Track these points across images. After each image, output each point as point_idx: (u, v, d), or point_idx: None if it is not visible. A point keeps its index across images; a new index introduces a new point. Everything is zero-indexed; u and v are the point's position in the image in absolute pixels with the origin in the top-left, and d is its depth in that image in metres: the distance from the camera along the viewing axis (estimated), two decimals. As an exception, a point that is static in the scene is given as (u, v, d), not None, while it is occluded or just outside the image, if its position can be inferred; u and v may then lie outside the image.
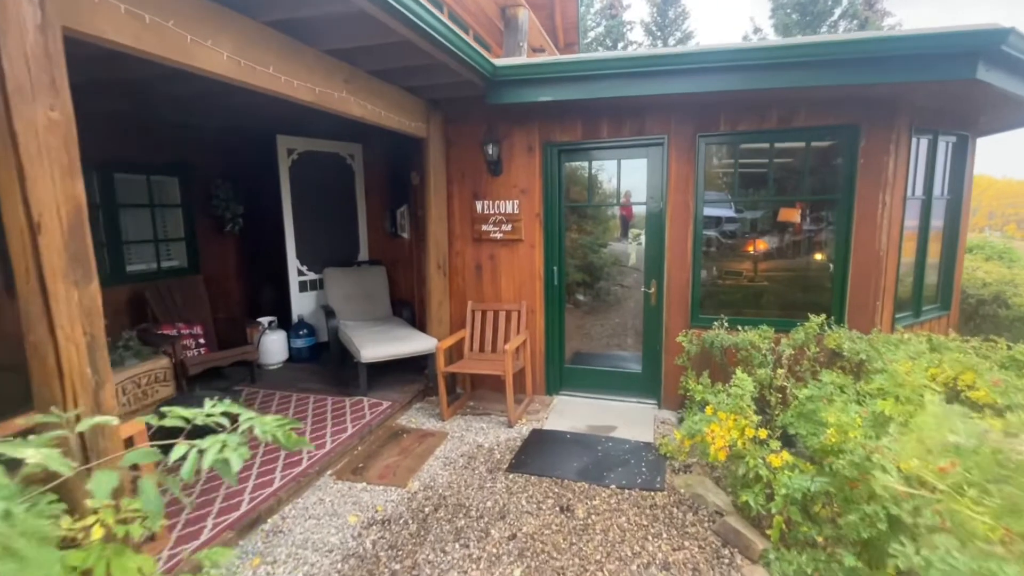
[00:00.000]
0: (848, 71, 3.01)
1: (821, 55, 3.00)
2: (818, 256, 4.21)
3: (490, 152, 4.11)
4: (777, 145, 3.73)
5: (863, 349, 2.90)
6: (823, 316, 3.39)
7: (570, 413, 4.09)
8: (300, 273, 5.25)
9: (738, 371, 2.90)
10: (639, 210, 4.20)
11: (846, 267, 3.64)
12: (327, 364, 4.93)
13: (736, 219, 4.56)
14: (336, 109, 2.98)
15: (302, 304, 5.27)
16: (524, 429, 3.83)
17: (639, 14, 22.08)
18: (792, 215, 4.51)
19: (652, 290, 4.04)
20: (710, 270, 4.02)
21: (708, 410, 2.61)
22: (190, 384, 4.23)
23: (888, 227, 3.54)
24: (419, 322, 4.97)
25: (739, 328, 3.59)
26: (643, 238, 4.12)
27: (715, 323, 3.69)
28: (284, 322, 5.36)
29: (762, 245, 4.71)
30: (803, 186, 3.74)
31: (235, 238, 5.68)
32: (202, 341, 4.63)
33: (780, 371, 3.05)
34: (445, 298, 4.42)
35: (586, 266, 5.61)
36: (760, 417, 2.70)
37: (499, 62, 3.54)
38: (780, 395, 3.03)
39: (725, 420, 2.48)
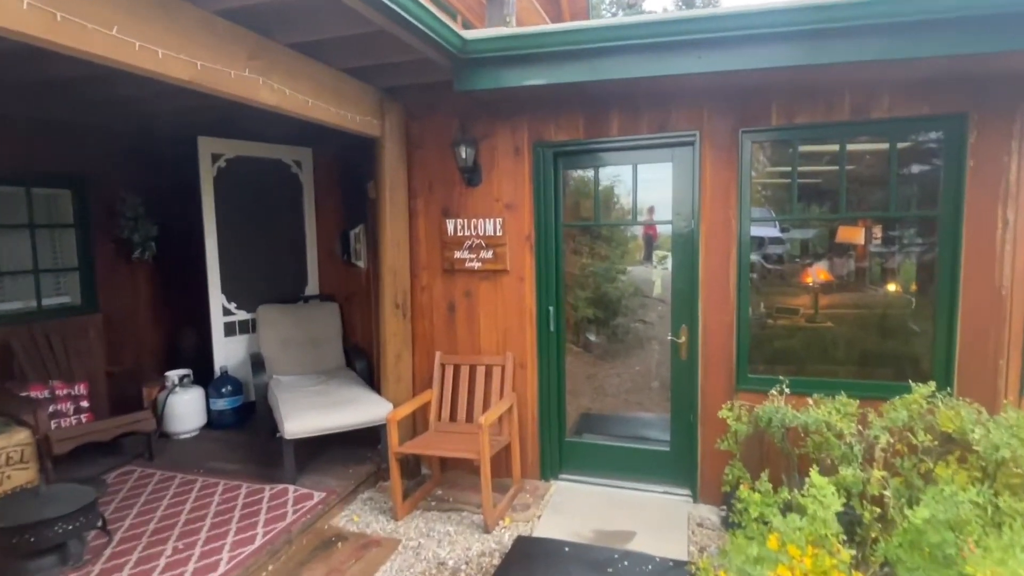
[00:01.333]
0: (964, 34, 2.59)
1: (922, 11, 2.60)
2: (891, 287, 4.16)
3: (464, 156, 3.84)
4: (850, 146, 3.41)
5: (1004, 442, 2.26)
6: (930, 385, 2.93)
7: (571, 509, 3.68)
8: (227, 312, 4.99)
9: (813, 472, 2.39)
10: (665, 230, 3.97)
11: (952, 311, 3.23)
12: (257, 433, 4.61)
13: (783, 240, 4.43)
14: (234, 94, 2.58)
15: (228, 352, 4.99)
16: (506, 536, 3.39)
17: (663, 1, 22.76)
18: (854, 235, 4.36)
19: (682, 339, 3.71)
20: (755, 306, 3.77)
21: (771, 541, 2.04)
22: (61, 464, 3.84)
23: (1012, 255, 3.12)
24: (378, 376, 4.58)
25: (809, 401, 3.13)
26: (669, 262, 3.92)
27: (773, 389, 3.28)
28: (206, 375, 5.03)
29: (823, 275, 4.58)
30: (871, 199, 3.51)
31: (147, 267, 5.39)
32: (85, 404, 4.21)
33: (876, 472, 2.49)
34: (405, 348, 4.13)
35: (599, 298, 5.58)
36: (852, 551, 2.19)
37: (470, 34, 3.20)
38: (877, 508, 2.52)
39: (798, 560, 1.94)
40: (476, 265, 4.02)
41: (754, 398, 3.41)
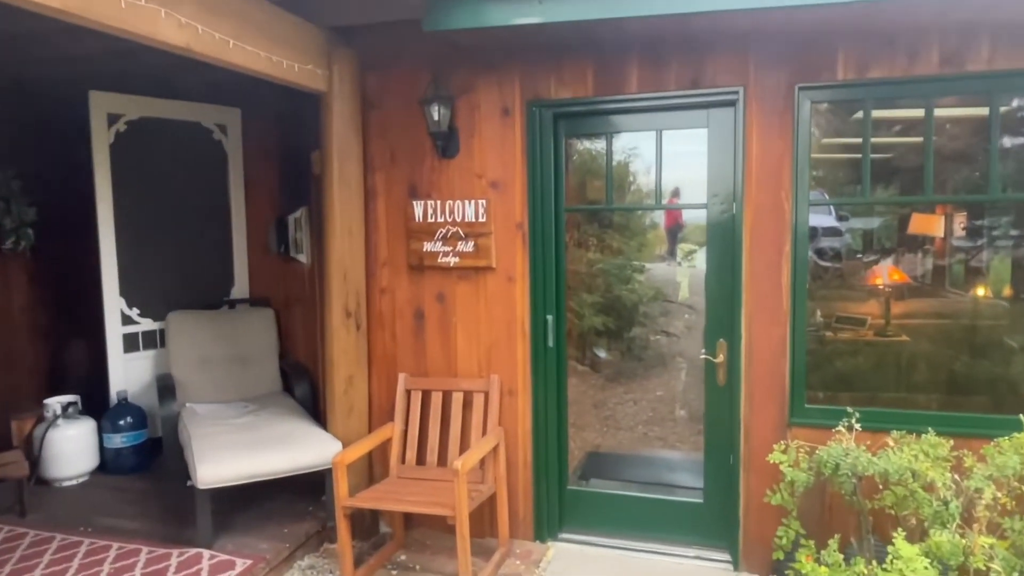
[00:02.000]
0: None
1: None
2: (979, 291, 4.16)
3: (436, 118, 3.77)
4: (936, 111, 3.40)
5: None
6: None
7: (576, 581, 3.41)
8: (127, 320, 4.96)
9: (898, 538, 2.38)
10: (695, 217, 4.01)
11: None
12: (164, 479, 4.56)
13: (840, 230, 4.39)
14: (126, 30, 2.46)
15: (129, 373, 4.95)
16: (490, 617, 3.11)
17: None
18: (931, 225, 4.43)
19: (719, 358, 3.66)
20: (810, 314, 3.79)
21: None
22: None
23: None
24: (323, 405, 4.57)
25: (888, 441, 3.09)
26: (699, 258, 4.01)
27: (839, 423, 3.24)
28: (99, 404, 4.97)
29: (897, 275, 4.63)
30: (954, 179, 3.55)
31: (22, 261, 5.27)
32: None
33: (981, 539, 2.47)
34: (359, 369, 4.08)
35: (610, 304, 5.66)
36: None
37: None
38: (982, 583, 2.30)
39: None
40: (452, 261, 3.98)
41: (814, 435, 3.36)
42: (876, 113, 3.42)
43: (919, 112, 3.37)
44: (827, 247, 4.29)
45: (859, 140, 3.41)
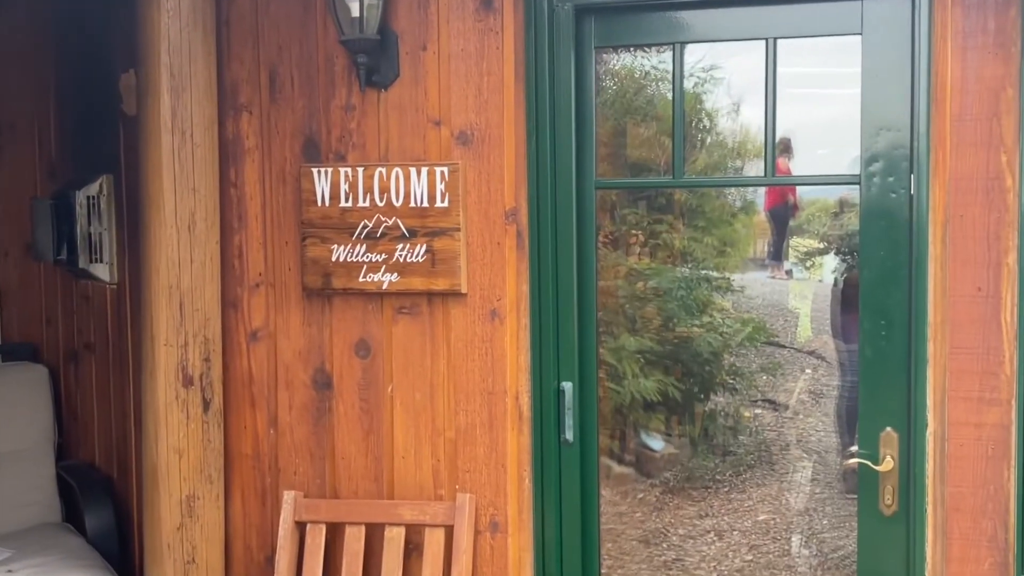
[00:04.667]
0: None
1: None
2: None
3: (356, 12, 3.18)
4: None
5: None
6: None
7: None
8: None
9: None
10: (829, 195, 4.03)
11: None
12: None
13: None
14: None
15: None
16: None
17: None
18: None
19: (885, 463, 3.09)
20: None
21: None
22: None
23: None
24: (139, 549, 4.04)
25: None
26: (829, 263, 4.24)
27: None
28: None
29: None
30: None
31: None
32: None
33: None
34: (209, 485, 3.50)
35: (671, 352, 4.92)
36: None
37: None
38: None
39: None
40: (386, 281, 3.32)
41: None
42: None
43: None
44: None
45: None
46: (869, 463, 3.14)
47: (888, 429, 3.09)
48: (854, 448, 3.26)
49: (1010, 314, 2.93)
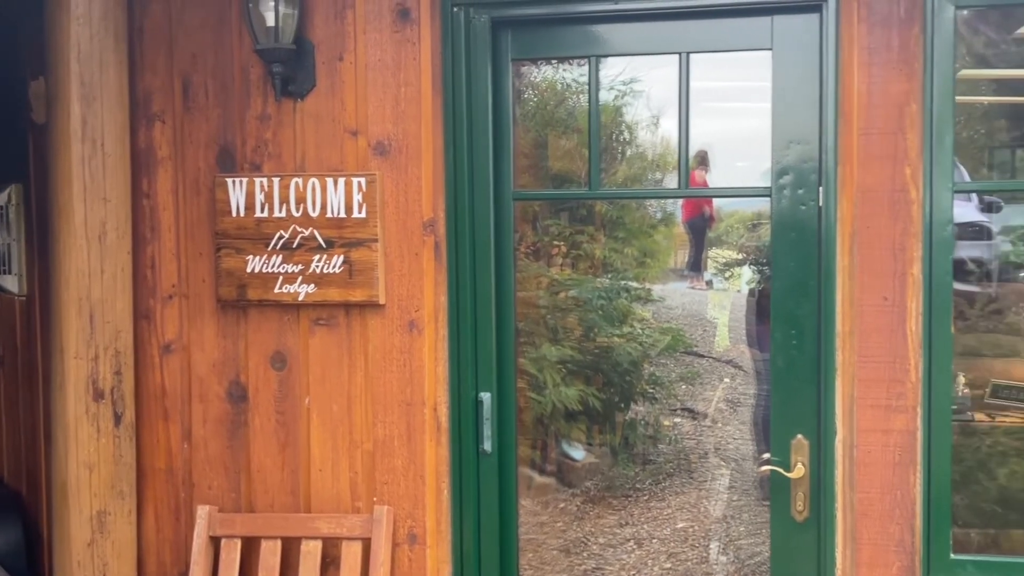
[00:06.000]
0: None
1: None
2: None
3: (271, 22, 3.17)
4: None
5: None
6: None
7: None
8: None
9: None
10: (746, 207, 4.30)
11: None
12: None
13: (987, 228, 4.29)
14: None
15: None
16: None
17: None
18: None
19: (797, 470, 3.18)
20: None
21: None
22: None
23: None
24: (49, 565, 3.91)
25: None
26: (744, 274, 4.30)
27: None
28: None
29: None
30: None
31: None
32: None
33: None
34: (121, 500, 3.44)
35: (592, 362, 4.99)
36: None
37: None
38: None
39: None
40: (302, 292, 3.31)
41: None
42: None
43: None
44: (967, 258, 3.96)
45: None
46: (781, 470, 3.19)
47: (799, 436, 3.15)
48: (767, 455, 3.29)
49: (915, 323, 3.01)
